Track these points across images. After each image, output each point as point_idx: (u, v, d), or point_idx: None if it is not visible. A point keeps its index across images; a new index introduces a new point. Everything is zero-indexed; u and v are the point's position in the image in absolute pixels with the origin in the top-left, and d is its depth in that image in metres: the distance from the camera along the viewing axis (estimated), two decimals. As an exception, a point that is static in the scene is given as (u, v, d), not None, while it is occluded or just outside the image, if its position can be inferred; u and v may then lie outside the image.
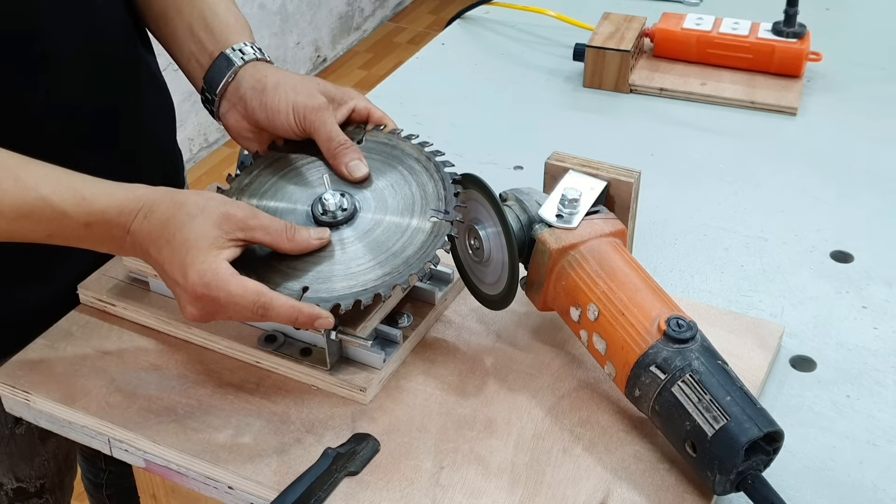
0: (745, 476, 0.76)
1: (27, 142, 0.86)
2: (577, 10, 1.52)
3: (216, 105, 1.00)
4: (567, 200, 0.89)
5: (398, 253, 0.87)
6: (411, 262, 0.86)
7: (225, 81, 0.98)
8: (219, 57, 0.99)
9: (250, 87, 0.97)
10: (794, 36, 1.38)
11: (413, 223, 0.89)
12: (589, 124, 1.35)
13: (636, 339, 0.82)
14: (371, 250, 0.88)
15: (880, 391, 0.92)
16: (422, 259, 0.86)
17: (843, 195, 1.19)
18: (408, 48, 3.74)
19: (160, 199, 0.84)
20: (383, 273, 0.86)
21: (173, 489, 0.98)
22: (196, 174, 3.05)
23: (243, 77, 0.98)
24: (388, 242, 0.88)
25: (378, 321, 0.91)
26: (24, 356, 0.94)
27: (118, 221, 0.84)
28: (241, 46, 1.00)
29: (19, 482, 1.14)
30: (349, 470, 0.82)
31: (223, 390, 0.90)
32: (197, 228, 0.82)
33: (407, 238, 0.88)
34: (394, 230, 0.89)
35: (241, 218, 0.84)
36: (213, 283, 0.81)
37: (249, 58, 0.99)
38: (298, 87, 0.96)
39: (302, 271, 0.87)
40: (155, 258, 0.84)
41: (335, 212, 0.90)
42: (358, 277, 0.86)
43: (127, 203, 0.84)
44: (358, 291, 0.85)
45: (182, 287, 0.82)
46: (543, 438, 0.85)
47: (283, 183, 0.95)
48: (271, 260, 0.87)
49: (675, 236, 1.13)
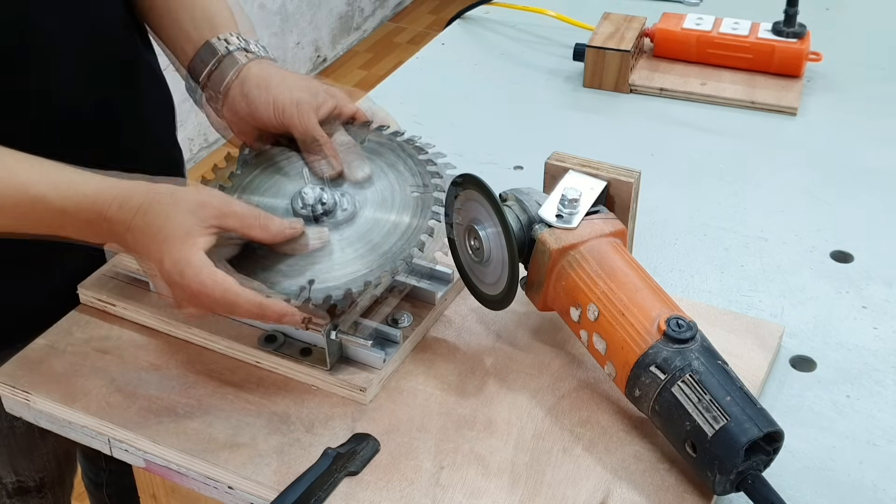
0: (745, 476, 0.76)
1: (27, 140, 0.86)
2: (577, 10, 1.52)
3: (198, 94, 1.00)
4: (567, 200, 0.89)
5: (376, 247, 0.88)
6: (387, 257, 0.87)
7: (208, 70, 0.98)
8: (203, 45, 0.99)
9: (234, 77, 0.97)
10: (794, 36, 1.38)
11: (392, 218, 0.90)
12: (589, 124, 1.35)
13: (636, 339, 0.82)
14: (350, 244, 0.88)
15: (880, 391, 0.92)
16: (397, 255, 0.87)
17: (843, 195, 1.19)
18: (408, 48, 3.74)
19: (136, 188, 0.85)
20: (360, 268, 0.87)
21: (173, 489, 0.98)
22: (196, 174, 3.03)
23: (226, 66, 0.98)
24: (366, 237, 0.89)
25: (378, 321, 0.91)
26: (24, 356, 0.94)
27: (94, 209, 0.84)
28: (226, 36, 1.00)
29: (19, 477, 1.14)
30: (349, 470, 0.82)
31: (223, 390, 0.90)
32: (173, 217, 0.82)
33: (386, 232, 0.89)
34: (373, 225, 0.90)
35: (217, 206, 0.84)
36: (186, 272, 0.81)
37: (234, 47, 0.99)
38: (283, 81, 0.96)
39: (275, 264, 0.87)
40: (132, 246, 0.84)
41: (314, 205, 0.90)
42: (333, 271, 0.87)
43: (103, 191, 0.84)
44: (331, 286, 0.85)
45: (158, 275, 0.83)
46: (543, 438, 0.85)
47: (264, 178, 0.96)
48: (247, 252, 0.88)
49: (675, 236, 1.13)
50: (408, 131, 0.98)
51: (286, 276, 0.86)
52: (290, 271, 0.87)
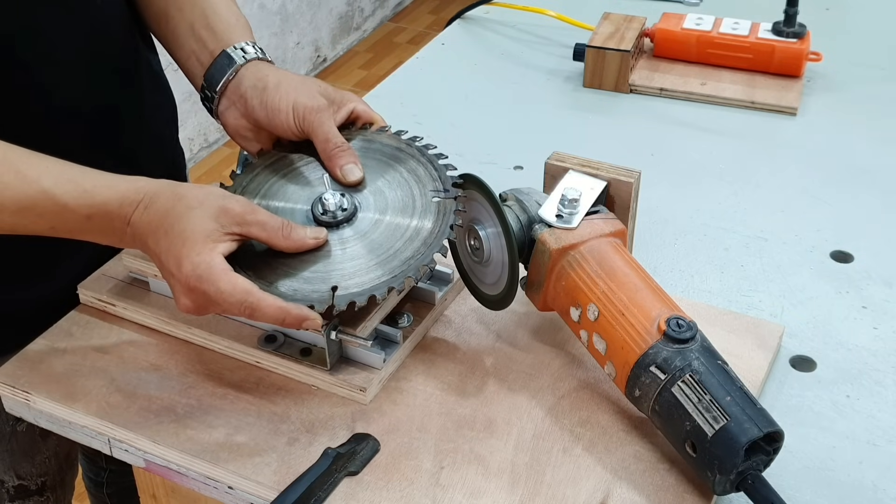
0: (745, 476, 0.76)
1: (28, 140, 0.86)
2: (577, 10, 1.52)
3: (215, 103, 1.00)
4: (567, 200, 0.89)
5: (397, 253, 0.87)
6: (409, 263, 0.86)
7: (226, 79, 0.99)
8: (220, 55, 0.99)
9: (251, 85, 0.97)
10: (794, 36, 1.38)
11: (413, 223, 0.89)
12: (589, 124, 1.35)
13: (636, 339, 0.82)
14: (371, 250, 0.88)
15: (880, 391, 0.92)
16: (419, 261, 0.86)
17: (843, 195, 1.19)
18: (408, 48, 3.74)
19: (161, 191, 0.85)
20: (382, 273, 0.86)
21: (173, 489, 0.98)
22: (196, 174, 3.04)
23: (244, 75, 0.98)
24: (387, 243, 0.88)
25: (378, 321, 0.91)
26: (24, 356, 0.94)
27: (119, 213, 0.84)
28: (242, 45, 1.00)
29: (20, 480, 1.14)
30: (349, 470, 0.82)
31: (223, 390, 0.90)
32: (194, 221, 0.82)
33: (407, 238, 0.88)
34: (393, 230, 0.89)
35: (239, 213, 0.84)
36: (206, 276, 0.81)
37: (251, 56, 0.99)
38: (299, 88, 0.96)
39: (299, 270, 0.87)
40: (153, 249, 0.84)
41: (335, 212, 0.90)
42: (356, 277, 0.86)
43: (128, 195, 0.84)
44: (355, 293, 0.85)
45: (176, 278, 0.83)
46: (543, 438, 0.85)
47: (284, 182, 0.95)
48: (268, 258, 0.87)
49: (675, 236, 1.13)
50: (406, 130, 0.98)
51: (308, 283, 0.86)
52: (314, 278, 0.86)
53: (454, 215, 0.88)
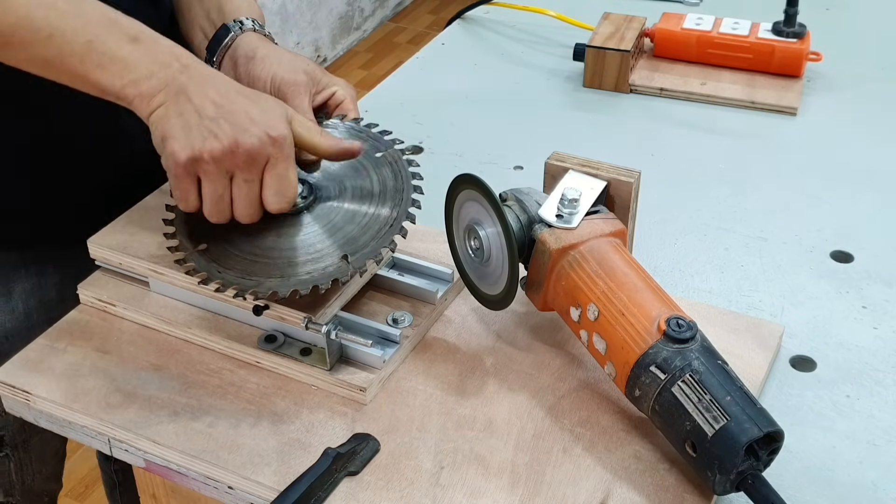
0: (745, 476, 0.76)
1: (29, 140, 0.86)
2: (577, 10, 1.52)
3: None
4: (567, 200, 0.89)
5: (356, 238, 0.89)
6: (371, 245, 0.88)
7: (222, 47, 1.01)
8: (220, 27, 1.02)
9: (243, 54, 1.00)
10: (794, 36, 1.38)
11: (370, 210, 0.91)
12: (589, 124, 1.35)
13: (636, 339, 0.82)
14: (331, 235, 0.89)
15: (880, 391, 0.92)
16: (379, 243, 0.88)
17: (843, 195, 1.19)
18: (408, 48, 3.74)
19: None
20: (341, 258, 0.87)
21: (173, 489, 0.98)
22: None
23: (238, 45, 1.01)
24: (346, 227, 0.90)
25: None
26: (24, 356, 0.94)
27: (172, 52, 0.86)
28: (241, 19, 1.02)
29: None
30: (349, 470, 0.82)
31: (223, 390, 0.90)
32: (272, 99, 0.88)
33: (365, 224, 0.90)
34: (352, 216, 0.91)
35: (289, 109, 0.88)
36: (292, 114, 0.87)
37: (248, 28, 1.02)
38: (283, 62, 0.98)
39: (262, 256, 0.88)
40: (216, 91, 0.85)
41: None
42: (317, 262, 0.87)
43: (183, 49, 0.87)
44: (317, 276, 0.86)
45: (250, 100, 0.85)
46: (543, 438, 0.85)
47: None
48: (228, 246, 0.89)
49: (675, 236, 1.13)
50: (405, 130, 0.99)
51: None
52: (282, 260, 0.88)
53: (402, 226, 0.89)
